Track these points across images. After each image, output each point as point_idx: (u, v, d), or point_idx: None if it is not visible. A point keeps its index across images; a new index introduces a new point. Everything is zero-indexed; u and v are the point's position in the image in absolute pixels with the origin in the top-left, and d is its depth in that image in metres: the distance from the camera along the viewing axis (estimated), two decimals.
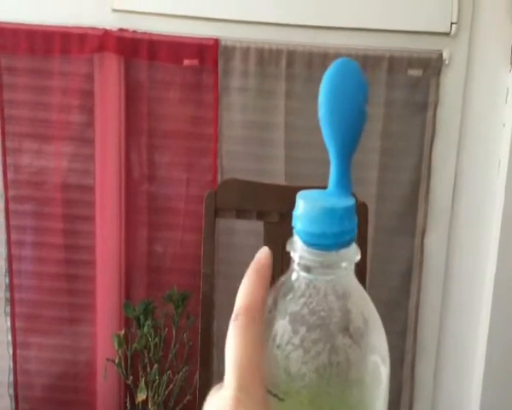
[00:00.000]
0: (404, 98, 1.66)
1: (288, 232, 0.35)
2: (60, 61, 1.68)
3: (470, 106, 1.68)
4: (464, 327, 1.78)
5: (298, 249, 0.33)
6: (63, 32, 1.66)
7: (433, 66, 1.64)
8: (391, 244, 1.71)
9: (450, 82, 1.66)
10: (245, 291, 0.33)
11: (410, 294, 1.74)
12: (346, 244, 0.33)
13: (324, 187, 0.35)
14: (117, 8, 1.68)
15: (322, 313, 0.32)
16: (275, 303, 0.33)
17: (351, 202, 0.33)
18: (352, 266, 0.34)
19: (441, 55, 1.64)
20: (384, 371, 0.34)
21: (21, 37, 1.66)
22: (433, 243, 1.73)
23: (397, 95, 1.66)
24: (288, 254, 0.34)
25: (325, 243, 0.32)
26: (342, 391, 0.32)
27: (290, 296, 0.33)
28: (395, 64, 1.64)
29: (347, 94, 0.33)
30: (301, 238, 0.33)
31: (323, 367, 0.32)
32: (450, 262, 1.75)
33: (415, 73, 1.65)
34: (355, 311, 0.33)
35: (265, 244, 1.49)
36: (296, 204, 0.34)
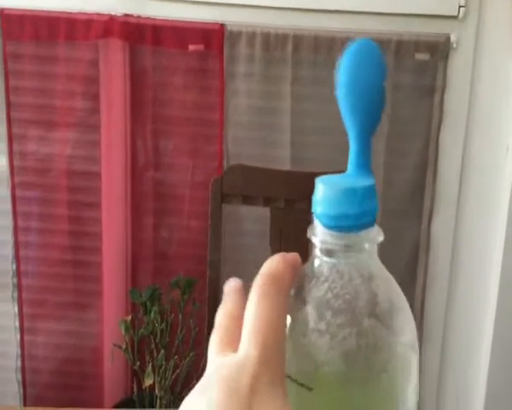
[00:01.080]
0: (412, 82, 1.65)
1: (295, 218, 0.34)
2: (65, 47, 1.68)
3: (478, 90, 1.66)
4: (471, 313, 1.77)
5: (319, 234, 0.32)
6: (68, 18, 1.65)
7: (440, 49, 1.63)
8: (397, 228, 1.70)
9: (458, 66, 1.65)
10: (271, 264, 0.32)
11: (416, 278, 1.73)
12: (368, 225, 0.32)
13: (331, 172, 0.34)
14: None
15: (348, 297, 0.32)
16: (298, 291, 0.32)
17: (371, 182, 0.33)
18: (375, 248, 0.33)
19: (449, 38, 1.63)
20: (414, 356, 0.33)
21: (26, 23, 1.65)
22: (440, 227, 1.73)
23: (404, 79, 1.65)
24: (299, 239, 0.34)
25: (346, 224, 0.32)
26: (372, 376, 0.31)
27: (313, 282, 0.32)
28: (402, 48, 1.62)
29: (366, 75, 0.33)
30: (322, 222, 0.32)
31: (351, 352, 0.31)
32: (457, 247, 1.74)
33: (422, 56, 1.64)
34: (380, 293, 0.33)
35: (272, 230, 1.47)
36: (315, 188, 0.33)
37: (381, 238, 0.33)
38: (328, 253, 0.32)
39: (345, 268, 0.32)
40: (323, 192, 0.32)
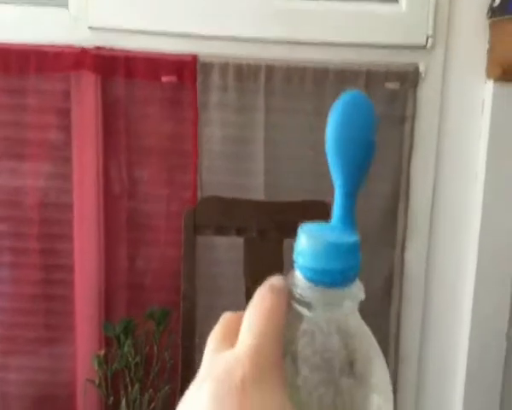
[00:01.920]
0: (382, 111, 1.67)
1: (268, 247, 0.34)
2: (36, 79, 1.67)
3: (447, 118, 1.69)
4: (445, 336, 1.78)
5: (299, 285, 0.32)
6: (39, 51, 1.65)
7: (410, 78, 1.66)
8: (371, 256, 1.71)
9: (427, 94, 1.68)
10: (269, 280, 0.33)
11: (391, 304, 1.74)
12: (351, 281, 0.32)
13: (303, 202, 0.34)
14: (93, 25, 1.67)
15: (326, 354, 0.31)
16: None
17: (355, 237, 0.33)
18: (356, 305, 0.33)
19: (417, 67, 1.65)
20: (389, 408, 0.33)
21: None
22: (414, 255, 1.74)
23: (375, 108, 1.66)
24: (272, 268, 0.34)
25: (328, 279, 0.31)
26: None
27: (291, 334, 0.32)
28: (372, 77, 1.65)
29: (357, 129, 0.33)
30: (303, 274, 0.32)
31: (328, 409, 0.30)
32: (431, 273, 1.75)
33: (392, 85, 1.66)
34: (359, 350, 0.32)
35: (246, 259, 1.47)
36: (297, 239, 0.32)
37: (362, 295, 0.33)
38: (307, 305, 0.32)
39: (324, 324, 0.32)
40: (307, 244, 0.32)
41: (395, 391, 1.77)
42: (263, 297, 0.31)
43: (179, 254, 1.47)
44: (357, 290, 0.32)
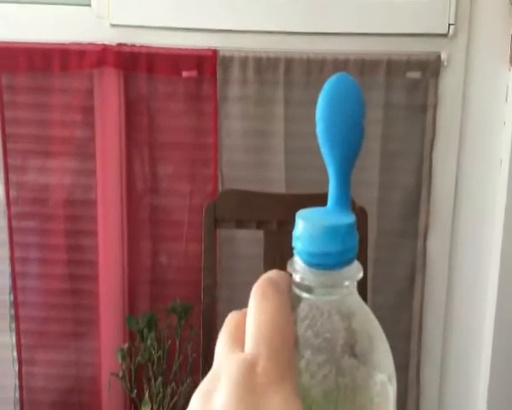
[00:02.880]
0: (404, 101, 1.65)
1: (288, 240, 0.34)
2: (60, 77, 1.70)
3: (470, 106, 1.66)
4: (469, 329, 1.75)
5: (299, 270, 0.32)
6: (62, 49, 1.68)
7: (431, 68, 1.63)
8: (393, 247, 1.69)
9: (449, 83, 1.65)
10: (266, 273, 0.33)
11: (413, 296, 1.71)
12: (349, 262, 0.32)
13: (324, 194, 0.34)
14: (115, 23, 1.69)
15: (327, 335, 0.31)
16: None
17: (352, 219, 0.33)
18: (355, 284, 0.33)
19: (439, 56, 1.63)
20: (391, 389, 0.33)
21: (21, 55, 1.68)
22: (436, 245, 1.71)
23: (396, 98, 1.65)
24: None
25: (328, 262, 0.32)
26: None
27: (294, 319, 0.32)
28: (393, 67, 1.63)
29: (345, 110, 0.33)
30: (302, 259, 0.32)
31: (331, 391, 0.30)
32: (454, 264, 1.73)
33: (413, 75, 1.64)
34: (360, 330, 0.32)
35: (266, 253, 1.47)
36: (295, 224, 0.33)
37: (360, 275, 0.33)
38: (308, 289, 0.32)
39: (324, 306, 0.32)
40: (304, 229, 0.32)
41: (418, 384, 1.74)
42: (266, 295, 0.31)
43: (201, 248, 1.47)
44: (355, 271, 0.33)
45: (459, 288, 1.74)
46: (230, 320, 0.33)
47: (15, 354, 1.79)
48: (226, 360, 0.30)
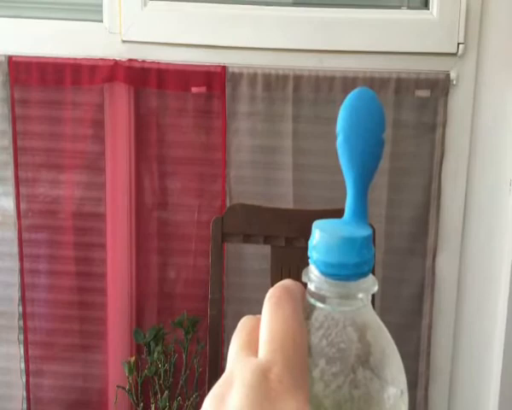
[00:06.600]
0: (413, 119, 1.65)
1: (295, 256, 0.35)
2: (71, 91, 1.72)
3: (479, 125, 1.66)
4: (478, 348, 1.74)
5: (314, 279, 0.33)
6: (74, 64, 1.70)
7: (440, 86, 1.63)
8: (402, 266, 1.69)
9: (459, 102, 1.65)
10: (280, 282, 0.33)
11: (422, 315, 1.70)
12: (364, 275, 0.33)
13: (332, 210, 0.35)
14: (126, 39, 1.71)
15: (342, 345, 0.32)
16: None
17: (369, 231, 0.33)
18: (369, 298, 0.34)
19: (449, 75, 1.63)
20: (404, 403, 0.33)
21: (33, 69, 1.70)
22: (445, 263, 1.70)
23: (405, 116, 1.65)
24: (299, 277, 0.34)
25: (344, 273, 0.32)
26: None
27: (308, 328, 0.32)
28: (403, 85, 1.63)
29: (366, 123, 0.34)
30: (319, 268, 0.33)
31: (344, 401, 0.31)
32: (463, 283, 1.72)
33: (422, 93, 1.64)
34: (374, 343, 0.33)
35: (273, 268, 1.47)
36: (312, 234, 0.33)
37: (375, 288, 0.33)
38: (323, 299, 0.33)
39: (339, 316, 0.32)
40: (321, 239, 0.33)
41: (426, 405, 1.73)
42: (280, 302, 0.31)
43: (208, 263, 1.48)
44: (371, 283, 0.33)
45: (468, 307, 1.73)
46: (244, 325, 0.33)
47: (23, 365, 1.81)
48: (240, 364, 0.30)
